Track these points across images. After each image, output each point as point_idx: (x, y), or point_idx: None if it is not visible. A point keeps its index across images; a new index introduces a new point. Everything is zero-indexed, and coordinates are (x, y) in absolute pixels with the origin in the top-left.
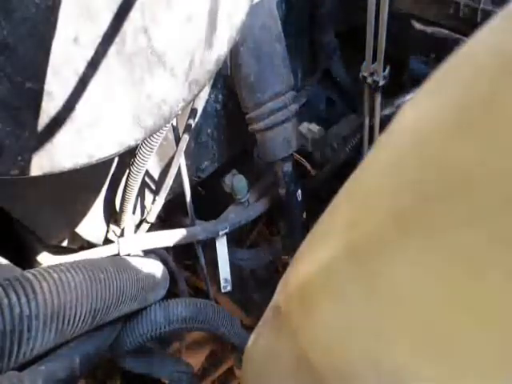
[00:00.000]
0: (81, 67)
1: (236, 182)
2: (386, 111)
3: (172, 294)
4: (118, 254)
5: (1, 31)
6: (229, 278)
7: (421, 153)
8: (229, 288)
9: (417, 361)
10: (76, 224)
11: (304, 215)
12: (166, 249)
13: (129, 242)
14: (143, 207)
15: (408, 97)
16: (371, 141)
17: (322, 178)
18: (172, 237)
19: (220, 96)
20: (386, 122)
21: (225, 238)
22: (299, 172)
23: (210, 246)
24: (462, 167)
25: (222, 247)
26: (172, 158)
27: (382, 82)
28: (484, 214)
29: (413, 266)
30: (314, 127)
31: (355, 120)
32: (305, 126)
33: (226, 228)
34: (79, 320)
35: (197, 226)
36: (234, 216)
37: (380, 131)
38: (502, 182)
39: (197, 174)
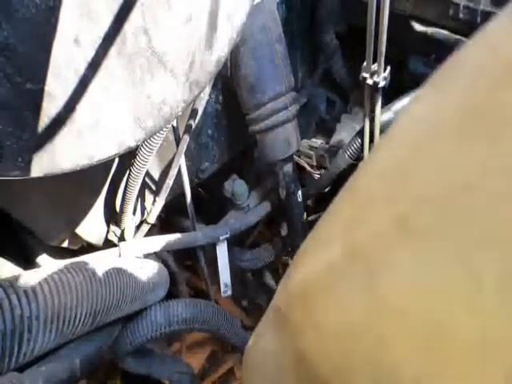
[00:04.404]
0: (81, 68)
1: (236, 187)
2: (384, 116)
3: (172, 294)
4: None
5: (1, 32)
6: (229, 282)
7: (421, 154)
8: (229, 292)
9: (417, 362)
10: (76, 225)
11: (304, 215)
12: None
13: (130, 246)
14: (143, 208)
15: (404, 101)
16: (372, 141)
17: (322, 182)
18: (172, 242)
19: (220, 97)
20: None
21: (225, 242)
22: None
23: (210, 246)
24: (462, 169)
25: (222, 252)
26: (172, 159)
27: (382, 83)
28: (484, 215)
29: (413, 267)
30: (316, 143)
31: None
32: (305, 144)
33: (227, 233)
34: (79, 321)
35: (197, 232)
36: (235, 221)
37: (380, 132)
38: (503, 185)
39: (197, 174)
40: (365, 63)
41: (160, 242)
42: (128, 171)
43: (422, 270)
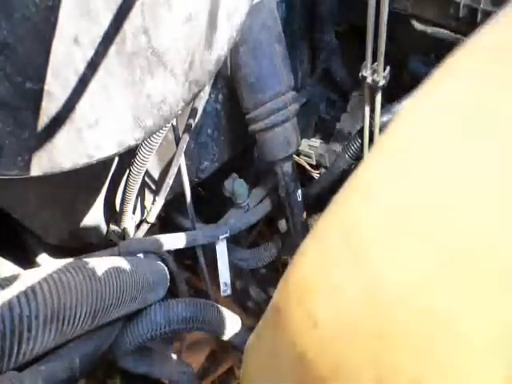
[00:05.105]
0: (81, 67)
1: (236, 186)
2: (384, 117)
3: (172, 294)
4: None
5: (1, 31)
6: (228, 282)
7: (421, 153)
8: (228, 292)
9: (418, 361)
10: (76, 224)
11: (304, 215)
12: None
13: (129, 245)
14: (143, 207)
15: (404, 103)
16: (371, 141)
17: (322, 182)
18: (172, 241)
19: (220, 96)
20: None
21: (225, 242)
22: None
23: (210, 246)
24: (462, 167)
25: (221, 251)
26: (172, 158)
27: (382, 82)
28: (485, 213)
29: (413, 266)
30: (315, 142)
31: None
32: (305, 144)
33: (227, 233)
34: (79, 320)
35: (197, 231)
36: (234, 221)
37: (380, 132)
38: (503, 182)
39: (197, 174)
40: (365, 62)
41: (160, 241)
42: (128, 170)
43: (423, 269)
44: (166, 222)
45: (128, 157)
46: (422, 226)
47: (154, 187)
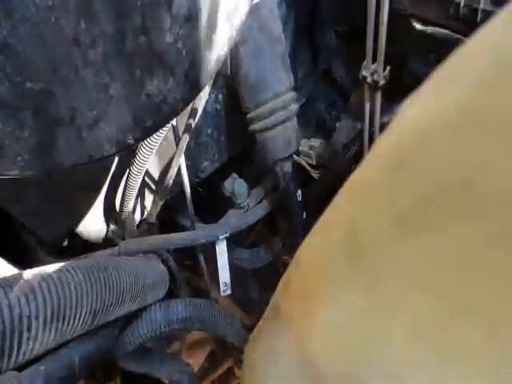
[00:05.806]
0: (81, 67)
1: (236, 186)
2: (384, 118)
3: (172, 294)
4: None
5: (1, 31)
6: (228, 281)
7: (421, 153)
8: (228, 291)
9: (417, 363)
10: (76, 224)
11: (304, 215)
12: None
13: (129, 245)
14: (143, 207)
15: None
16: (371, 141)
17: (322, 182)
18: (172, 241)
19: (220, 96)
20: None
21: (225, 242)
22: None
23: (210, 246)
24: (462, 167)
25: (221, 252)
26: (172, 158)
27: (382, 82)
28: (484, 214)
29: (413, 267)
30: (316, 142)
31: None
32: (305, 144)
33: (226, 232)
34: (79, 320)
35: (197, 231)
36: (235, 220)
37: (380, 132)
38: (502, 182)
39: (197, 174)
40: (365, 63)
41: (159, 241)
42: (128, 170)
43: (422, 270)
44: (166, 222)
45: (128, 157)
46: (420, 228)
47: (153, 187)
